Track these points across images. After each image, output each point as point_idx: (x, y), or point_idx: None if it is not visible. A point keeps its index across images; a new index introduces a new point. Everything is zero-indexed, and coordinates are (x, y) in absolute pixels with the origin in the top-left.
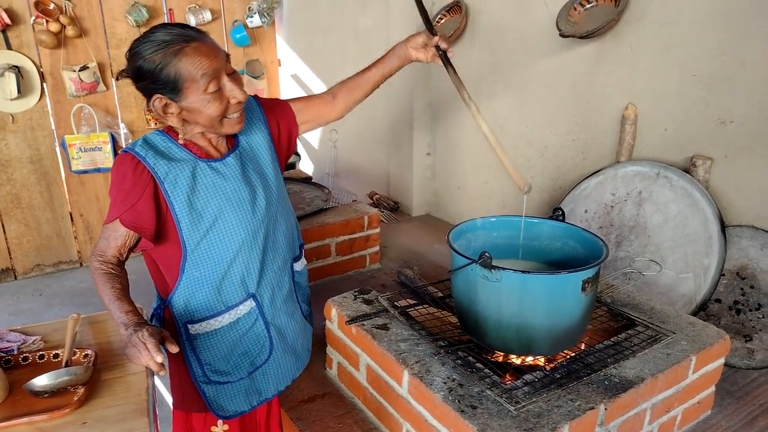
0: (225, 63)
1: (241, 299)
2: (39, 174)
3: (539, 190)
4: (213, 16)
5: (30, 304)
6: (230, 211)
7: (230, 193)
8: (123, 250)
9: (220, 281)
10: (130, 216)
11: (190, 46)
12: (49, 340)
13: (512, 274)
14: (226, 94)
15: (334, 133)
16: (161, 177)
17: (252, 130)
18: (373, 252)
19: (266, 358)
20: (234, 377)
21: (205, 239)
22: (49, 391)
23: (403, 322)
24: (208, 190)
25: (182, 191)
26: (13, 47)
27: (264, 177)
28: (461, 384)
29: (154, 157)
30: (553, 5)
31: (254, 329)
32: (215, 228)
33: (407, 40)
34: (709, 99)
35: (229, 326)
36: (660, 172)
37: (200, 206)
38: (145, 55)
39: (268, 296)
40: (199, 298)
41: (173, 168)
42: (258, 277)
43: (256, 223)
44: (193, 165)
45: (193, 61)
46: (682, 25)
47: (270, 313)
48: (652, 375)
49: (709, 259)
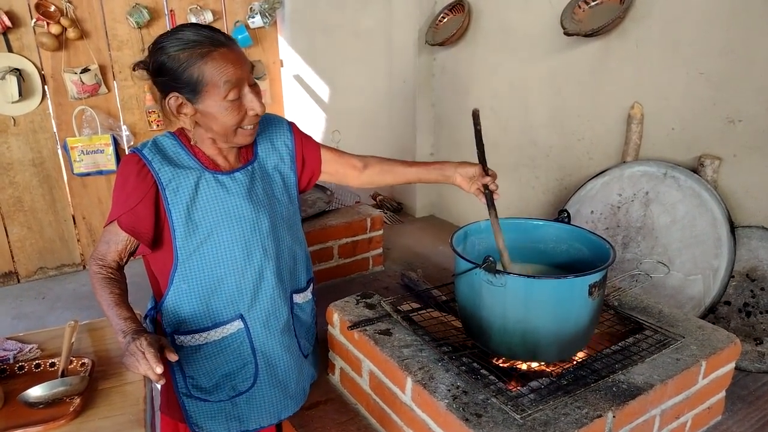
0: (249, 73)
1: (229, 318)
2: (41, 177)
3: (544, 190)
4: (214, 16)
5: (33, 307)
6: (226, 227)
7: (231, 208)
8: (123, 254)
9: (208, 296)
10: (128, 219)
11: (218, 51)
12: (47, 348)
13: (517, 278)
14: (245, 105)
15: (337, 134)
16: (164, 183)
17: (275, 151)
18: (376, 254)
19: (249, 386)
20: (214, 397)
21: (198, 252)
22: (44, 402)
23: (406, 327)
24: (209, 203)
25: (182, 200)
26: (14, 50)
27: (274, 199)
28: (466, 391)
29: (161, 161)
30: (557, 3)
31: (240, 352)
32: (209, 242)
33: (459, 165)
34: (717, 97)
35: (214, 343)
36: (667, 172)
37: (197, 218)
38: (170, 51)
39: (260, 322)
40: (187, 309)
41: (177, 175)
42: (250, 300)
43: (254, 243)
44: (199, 175)
45: (218, 66)
46: (689, 22)
47: (261, 340)
48: (661, 381)
49: (718, 260)
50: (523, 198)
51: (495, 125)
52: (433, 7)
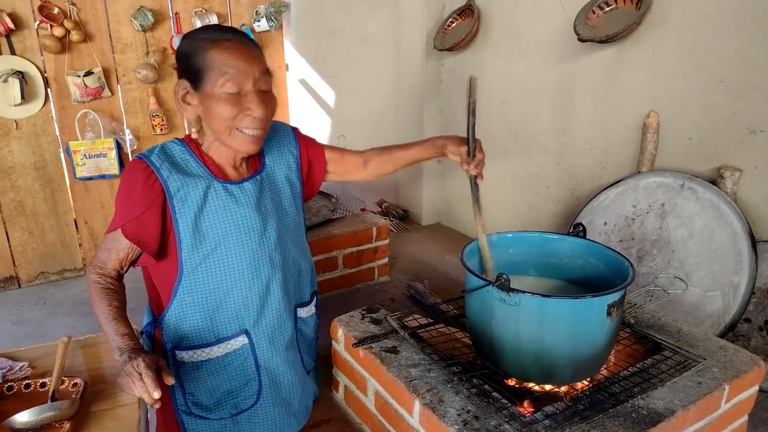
0: (258, 76)
1: (233, 333)
2: (43, 181)
3: (555, 200)
4: (219, 20)
5: (33, 312)
6: (235, 238)
7: (239, 219)
8: (124, 263)
9: (213, 310)
10: (133, 227)
11: (228, 42)
12: (38, 366)
13: (531, 297)
14: (244, 104)
15: (342, 139)
16: (172, 192)
17: (283, 160)
18: (381, 264)
19: (252, 403)
20: (215, 415)
21: (204, 264)
22: (31, 428)
23: (414, 344)
24: (217, 213)
25: (190, 210)
26: (16, 52)
27: (281, 209)
28: (477, 416)
29: (169, 169)
30: (570, 8)
31: (243, 368)
32: (216, 253)
33: (451, 140)
34: (737, 107)
35: (217, 360)
36: (684, 184)
37: (205, 228)
38: (189, 38)
39: (266, 337)
40: (190, 324)
41: (186, 184)
42: (256, 314)
43: (262, 255)
44: (208, 184)
45: (223, 54)
46: (707, 28)
47: (265, 356)
48: (683, 407)
49: (739, 276)
50: (533, 207)
51: (504, 132)
52: (442, 11)
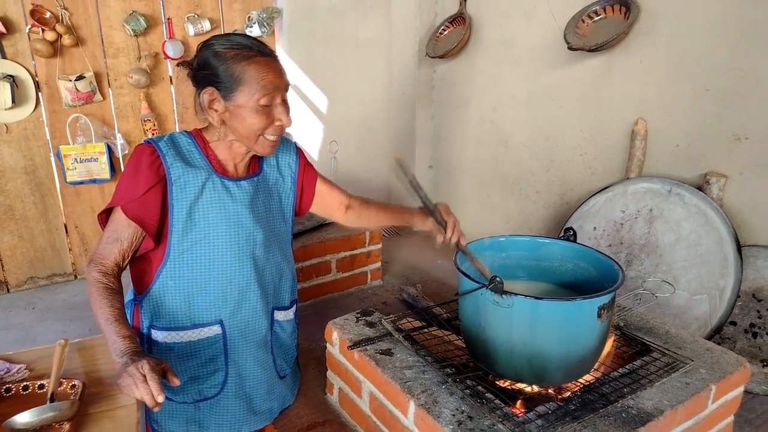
0: (284, 89)
1: (208, 321)
2: (33, 185)
3: (545, 205)
4: (212, 25)
5: (22, 317)
6: (224, 231)
7: (231, 214)
8: (127, 254)
9: (192, 297)
10: (135, 206)
11: (263, 58)
12: (35, 368)
13: (524, 300)
14: (273, 114)
15: (335, 144)
16: (173, 179)
17: (278, 170)
18: (374, 268)
19: (215, 393)
20: (179, 398)
21: (191, 251)
22: (31, 428)
23: (408, 347)
24: (211, 204)
25: (187, 197)
26: (7, 56)
27: (270, 215)
28: (471, 416)
29: (174, 156)
30: (560, 18)
31: (213, 357)
32: (204, 242)
33: (415, 216)
34: (723, 114)
35: (189, 344)
36: (672, 189)
37: (197, 217)
38: (218, 48)
39: (239, 331)
40: (169, 306)
41: (186, 173)
42: (233, 308)
43: (246, 252)
44: (207, 176)
45: (260, 70)
46: (694, 38)
47: (236, 349)
48: (671, 406)
49: (725, 280)
50: (523, 212)
51: (495, 139)
52: (434, 19)
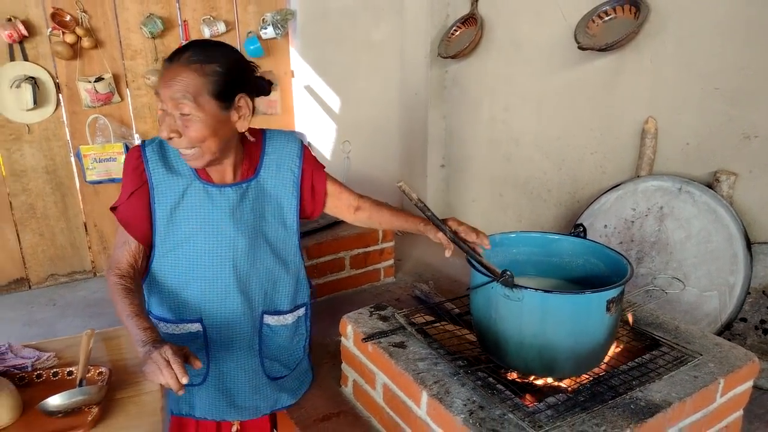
0: (178, 97)
1: (190, 319)
2: (54, 184)
3: (556, 203)
4: (227, 27)
5: (43, 314)
6: (202, 237)
7: (211, 220)
8: (137, 256)
9: (176, 294)
10: (122, 209)
11: (166, 64)
12: (63, 357)
13: (534, 293)
14: None
15: (348, 144)
16: (154, 183)
17: (279, 175)
18: (387, 265)
19: (199, 383)
20: None
21: (173, 253)
22: (63, 411)
23: (421, 340)
24: (192, 210)
25: (167, 202)
26: (29, 58)
27: (262, 221)
28: (482, 406)
29: (157, 162)
30: (570, 17)
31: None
32: (185, 246)
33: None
34: (733, 113)
35: (173, 336)
36: (682, 187)
37: (179, 220)
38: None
39: (218, 332)
40: (156, 299)
41: (167, 179)
42: (214, 310)
43: (226, 259)
44: (188, 183)
45: (161, 76)
46: (703, 38)
47: (216, 349)
48: (679, 399)
49: (735, 276)
50: (535, 211)
51: (507, 138)
52: (446, 20)
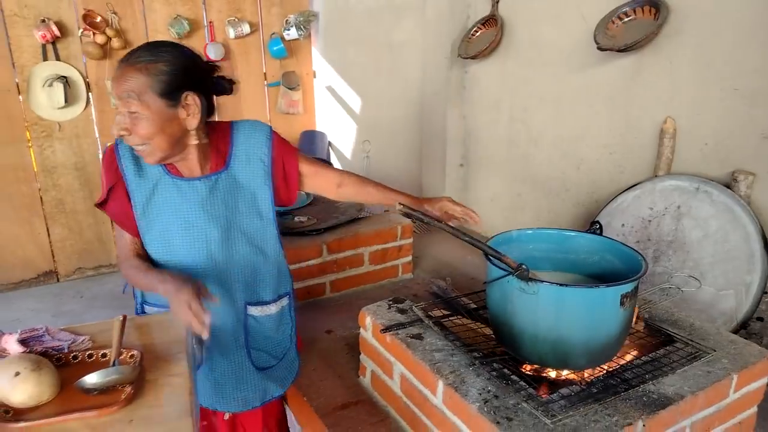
0: (125, 96)
1: None
2: (82, 180)
3: (575, 203)
4: (251, 29)
5: (71, 305)
6: (176, 230)
7: (183, 213)
8: (136, 246)
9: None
10: (112, 206)
11: (119, 65)
12: (97, 340)
13: (549, 286)
14: None
15: (368, 144)
16: (128, 179)
17: (249, 165)
18: (405, 262)
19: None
20: None
21: (151, 245)
22: (98, 388)
23: (438, 332)
24: (164, 205)
25: (141, 197)
26: (61, 58)
27: (236, 212)
28: (497, 395)
29: (129, 159)
30: (590, 18)
31: None
32: (160, 239)
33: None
34: (752, 113)
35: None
36: (700, 187)
37: (152, 215)
38: (196, 56)
39: None
40: None
41: (138, 176)
42: None
43: (200, 250)
44: (158, 178)
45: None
46: (723, 38)
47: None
48: (692, 393)
49: (751, 276)
50: (553, 210)
51: (526, 138)
52: (466, 21)
